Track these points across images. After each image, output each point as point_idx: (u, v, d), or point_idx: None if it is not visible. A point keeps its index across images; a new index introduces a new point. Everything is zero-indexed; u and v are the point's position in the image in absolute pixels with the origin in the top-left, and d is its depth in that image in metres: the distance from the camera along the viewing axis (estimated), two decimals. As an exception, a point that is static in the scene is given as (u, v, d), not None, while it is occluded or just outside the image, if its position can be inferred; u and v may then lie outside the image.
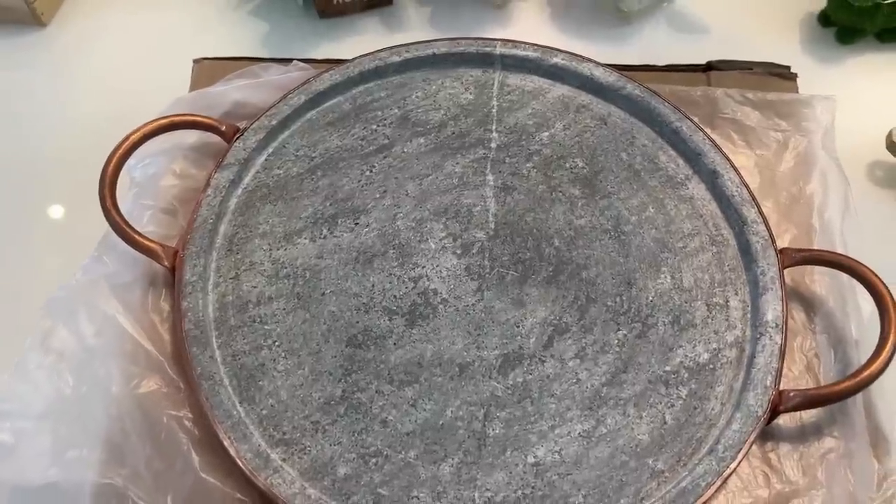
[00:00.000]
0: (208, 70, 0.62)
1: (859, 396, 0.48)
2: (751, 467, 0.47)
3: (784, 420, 0.48)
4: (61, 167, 0.61)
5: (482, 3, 0.70)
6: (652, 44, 0.69)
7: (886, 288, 0.48)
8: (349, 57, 0.60)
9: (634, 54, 0.67)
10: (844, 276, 0.51)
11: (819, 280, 0.53)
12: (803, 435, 0.48)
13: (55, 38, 0.70)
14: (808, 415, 0.49)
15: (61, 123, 0.65)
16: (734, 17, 0.70)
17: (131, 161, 0.53)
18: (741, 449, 0.45)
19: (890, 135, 0.59)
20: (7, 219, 0.60)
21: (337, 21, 0.70)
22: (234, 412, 0.46)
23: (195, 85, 0.61)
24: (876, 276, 0.48)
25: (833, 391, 0.46)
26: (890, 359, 0.46)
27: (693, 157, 0.56)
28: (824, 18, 0.69)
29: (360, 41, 0.69)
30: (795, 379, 0.50)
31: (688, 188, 0.55)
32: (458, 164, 0.56)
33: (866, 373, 0.46)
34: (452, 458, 0.46)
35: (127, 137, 0.52)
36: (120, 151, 0.51)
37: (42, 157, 0.63)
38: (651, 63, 0.64)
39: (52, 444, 0.45)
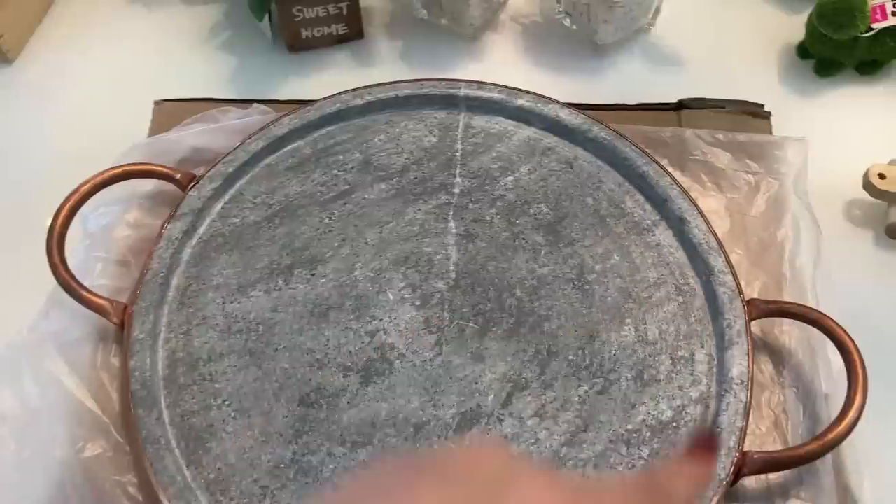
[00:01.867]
0: (169, 111, 0.61)
1: (828, 456, 0.46)
2: (714, 532, 0.45)
3: (749, 480, 0.47)
4: (17, 209, 0.60)
5: (454, 36, 0.69)
6: (626, 77, 0.67)
7: (854, 344, 0.46)
8: (320, 93, 0.59)
9: (608, 88, 0.66)
10: (814, 328, 0.50)
11: (788, 331, 0.51)
12: (769, 497, 0.47)
13: (21, 75, 0.69)
14: (775, 475, 0.47)
15: (22, 162, 0.63)
16: (711, 48, 0.69)
17: (85, 209, 0.52)
18: (703, 514, 0.44)
19: (867, 174, 0.57)
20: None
21: (307, 55, 0.69)
22: (179, 477, 0.45)
23: (156, 127, 0.60)
24: (843, 331, 0.47)
25: (798, 454, 0.44)
26: (856, 420, 0.44)
27: (660, 203, 0.54)
28: (803, 51, 0.67)
29: (330, 76, 0.68)
30: (762, 436, 0.48)
31: (654, 235, 0.54)
32: (419, 210, 0.55)
33: (832, 434, 0.44)
34: (404, 525, 0.44)
35: (77, 189, 0.51)
36: (69, 203, 0.50)
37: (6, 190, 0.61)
38: (625, 97, 0.63)
39: (-9, 513, 0.44)
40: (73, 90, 0.68)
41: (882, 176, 0.57)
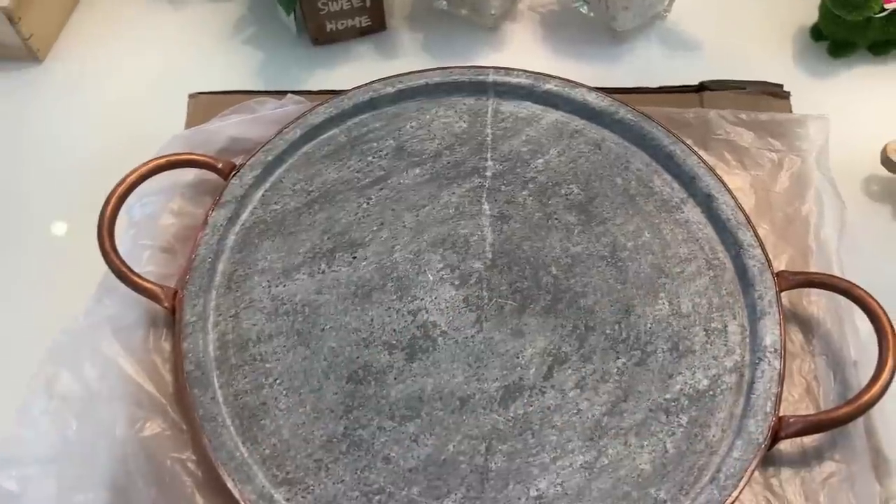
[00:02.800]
0: (204, 104, 0.62)
1: (860, 419, 0.48)
2: (753, 494, 0.47)
3: (785, 445, 0.48)
4: (59, 205, 0.62)
5: (474, 27, 0.71)
6: (645, 62, 0.69)
7: (883, 310, 0.48)
8: (344, 85, 0.61)
9: (627, 74, 0.67)
10: (841, 297, 0.51)
11: (816, 301, 0.53)
12: (805, 459, 0.48)
13: (50, 74, 0.70)
14: (809, 439, 0.49)
15: (57, 161, 0.65)
16: (726, 32, 0.70)
17: (129, 200, 0.54)
18: (743, 477, 0.45)
19: (884, 150, 0.59)
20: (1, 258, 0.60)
21: (331, 48, 0.70)
22: (237, 453, 0.46)
23: (191, 119, 0.61)
24: (872, 298, 0.49)
25: (833, 417, 0.46)
26: (889, 382, 0.46)
27: (688, 181, 0.56)
28: (816, 33, 0.69)
29: (354, 68, 0.69)
30: (795, 403, 0.50)
31: (683, 212, 0.55)
32: (454, 193, 0.56)
33: (866, 397, 0.46)
34: (455, 494, 0.46)
35: (124, 179, 0.52)
36: (117, 193, 0.52)
37: (39, 195, 0.63)
38: (644, 83, 0.64)
39: (57, 490, 0.45)
40: (104, 87, 0.69)
41: (900, 151, 0.59)
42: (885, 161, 0.59)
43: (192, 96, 0.63)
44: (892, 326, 0.47)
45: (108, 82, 0.70)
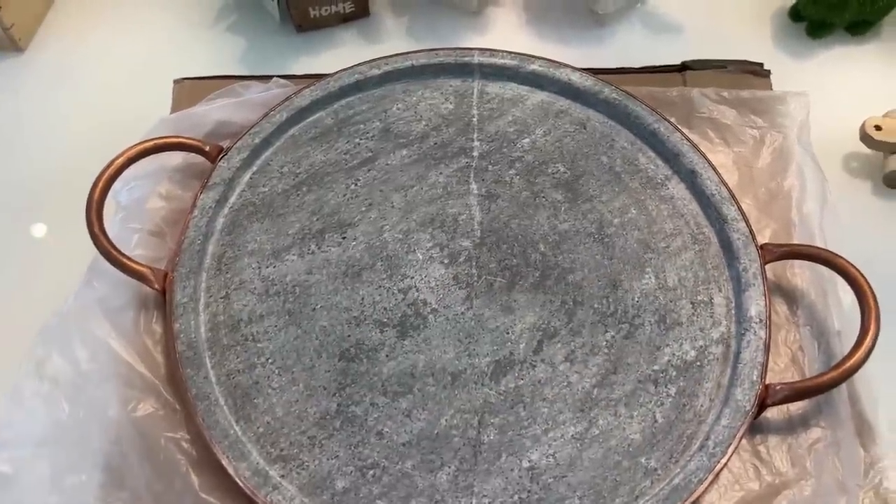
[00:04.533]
0: (189, 90, 0.62)
1: (843, 386, 0.49)
2: (741, 461, 0.48)
3: (771, 413, 0.49)
4: (43, 193, 0.61)
5: (458, 11, 0.71)
6: (627, 45, 0.70)
7: (865, 279, 0.49)
8: (328, 70, 0.61)
9: (610, 56, 0.68)
10: (824, 269, 0.52)
11: (800, 274, 0.54)
12: (791, 426, 0.49)
13: (32, 63, 0.70)
14: (795, 406, 0.50)
15: (41, 149, 0.64)
16: (706, 14, 0.71)
17: (116, 185, 0.54)
18: (731, 444, 0.46)
19: (863, 126, 0.60)
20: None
21: (314, 34, 0.70)
22: (231, 431, 0.47)
23: (176, 105, 0.61)
24: (854, 267, 0.49)
25: (818, 383, 0.47)
26: (871, 348, 0.47)
27: (672, 158, 0.57)
28: (795, 13, 0.70)
29: (338, 54, 0.69)
30: (781, 372, 0.51)
31: (668, 188, 0.56)
32: (441, 174, 0.57)
33: (849, 363, 0.47)
34: (449, 467, 0.46)
35: (112, 161, 0.52)
36: (106, 175, 0.52)
37: (23, 183, 0.62)
38: (627, 65, 0.65)
39: (50, 472, 0.45)
40: (87, 75, 0.69)
41: (878, 128, 0.60)
42: (864, 137, 0.60)
43: (177, 82, 0.63)
44: (873, 294, 0.48)
45: (91, 71, 0.69)
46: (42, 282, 0.57)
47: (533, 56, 0.60)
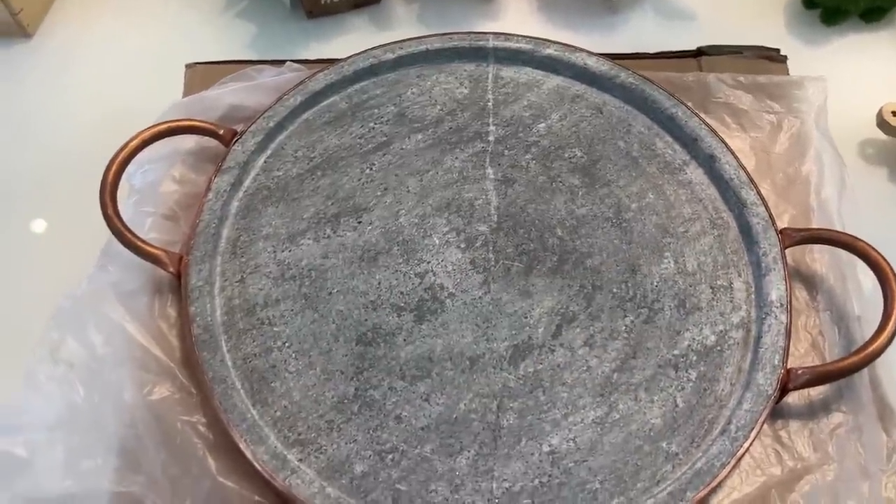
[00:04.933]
0: (201, 75, 0.61)
1: (865, 371, 0.48)
2: (763, 446, 0.48)
3: (792, 398, 0.49)
4: (54, 179, 0.61)
5: (470, -3, 0.71)
6: (639, 32, 0.69)
7: (888, 263, 0.49)
8: (340, 56, 0.60)
9: (623, 43, 0.67)
10: (844, 254, 0.52)
11: (819, 259, 0.54)
12: (812, 412, 0.49)
13: (41, 49, 0.69)
14: (816, 391, 0.49)
15: (51, 136, 0.64)
16: (719, 2, 0.71)
17: (129, 168, 0.53)
18: (753, 428, 0.46)
19: (880, 112, 0.60)
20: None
21: (325, 20, 0.70)
22: (249, 415, 0.46)
23: (188, 90, 0.61)
24: (876, 251, 0.49)
25: (841, 367, 0.47)
26: (895, 332, 0.47)
27: (689, 143, 0.56)
28: (809, 0, 0.69)
29: (349, 40, 0.69)
30: (801, 357, 0.51)
31: (686, 173, 0.56)
32: (457, 158, 0.56)
33: (872, 347, 0.46)
34: (468, 451, 0.46)
35: (126, 144, 0.52)
36: (120, 157, 0.51)
37: (33, 170, 0.62)
38: (641, 51, 0.64)
39: (66, 456, 0.45)
40: (95, 62, 0.68)
41: (895, 113, 0.60)
42: (882, 123, 0.60)
43: (188, 66, 0.62)
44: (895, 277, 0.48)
45: (100, 58, 0.69)
46: (52, 269, 0.56)
47: (548, 40, 0.60)
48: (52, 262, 0.57)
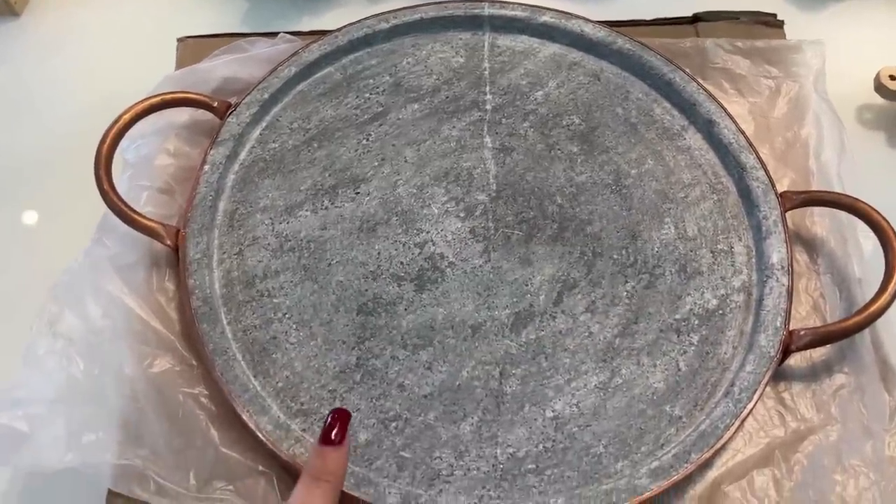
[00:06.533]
0: (192, 48, 0.60)
1: (867, 331, 0.48)
2: (766, 408, 0.48)
3: (795, 360, 0.49)
4: (47, 158, 0.60)
5: (463, -32, 0.70)
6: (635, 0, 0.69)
7: (889, 223, 0.48)
8: (333, 28, 0.60)
9: (619, 10, 0.66)
10: (844, 217, 0.52)
11: (819, 222, 0.53)
12: (814, 373, 0.49)
13: (29, 28, 0.68)
14: (818, 353, 0.49)
15: (42, 115, 0.63)
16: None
17: (123, 143, 0.52)
18: (756, 390, 0.46)
19: (878, 76, 0.60)
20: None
21: (316, -6, 0.69)
22: (251, 386, 0.46)
23: (181, 64, 0.60)
24: (877, 212, 0.49)
25: (843, 327, 0.47)
26: (896, 292, 0.47)
27: (688, 108, 0.56)
28: (805, -34, 0.69)
29: (341, 13, 0.68)
30: (802, 320, 0.51)
31: (685, 139, 0.55)
32: (454, 127, 0.56)
33: (874, 307, 0.46)
34: (472, 418, 0.46)
35: (119, 117, 0.51)
36: (114, 131, 0.50)
37: (25, 150, 0.61)
38: (638, 18, 0.64)
39: (67, 429, 0.44)
40: (85, 40, 0.67)
41: (893, 77, 0.59)
42: (879, 87, 0.60)
43: (180, 40, 0.61)
44: (897, 237, 0.48)
45: (89, 36, 0.68)
46: (48, 246, 0.56)
47: (544, 7, 0.59)
48: (46, 243, 0.56)
